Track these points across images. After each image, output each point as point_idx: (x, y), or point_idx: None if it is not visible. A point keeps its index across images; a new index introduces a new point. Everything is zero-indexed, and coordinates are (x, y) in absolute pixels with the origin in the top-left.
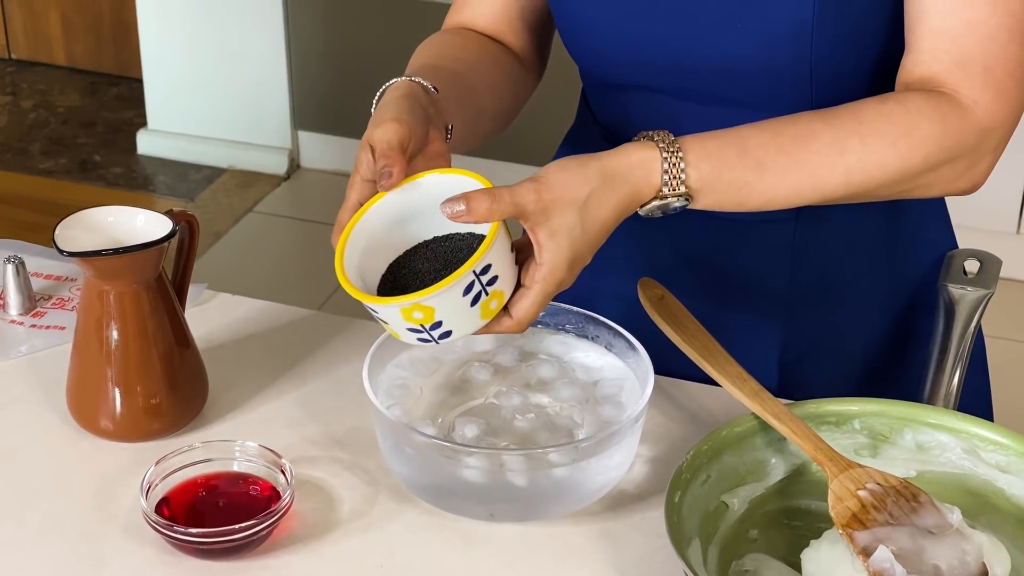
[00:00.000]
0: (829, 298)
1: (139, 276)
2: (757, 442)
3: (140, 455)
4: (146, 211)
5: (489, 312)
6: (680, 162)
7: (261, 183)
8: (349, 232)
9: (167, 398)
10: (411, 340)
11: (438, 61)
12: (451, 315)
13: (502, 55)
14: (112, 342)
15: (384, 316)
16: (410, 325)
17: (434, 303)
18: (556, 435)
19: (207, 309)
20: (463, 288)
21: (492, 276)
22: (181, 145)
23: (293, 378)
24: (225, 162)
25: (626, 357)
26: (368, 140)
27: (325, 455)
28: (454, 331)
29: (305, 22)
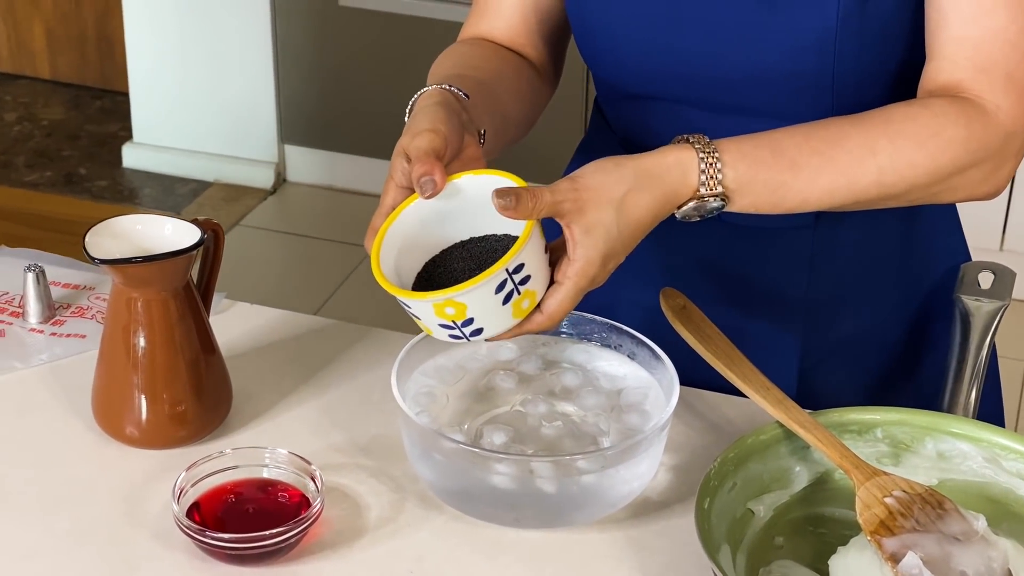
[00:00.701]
0: (846, 305)
1: (168, 284)
2: (781, 450)
3: (166, 462)
4: (174, 219)
5: (521, 311)
6: (716, 162)
7: (247, 197)
8: (385, 231)
9: (193, 405)
10: (442, 336)
11: (462, 70)
12: (483, 312)
13: (521, 64)
14: (139, 349)
15: (417, 311)
16: (442, 321)
17: (466, 299)
18: (581, 443)
19: (226, 318)
20: (495, 286)
21: (525, 275)
22: (167, 158)
23: (314, 386)
24: (211, 175)
25: (649, 366)
26: (404, 148)
27: (350, 462)
28: (485, 329)
29: (292, 36)
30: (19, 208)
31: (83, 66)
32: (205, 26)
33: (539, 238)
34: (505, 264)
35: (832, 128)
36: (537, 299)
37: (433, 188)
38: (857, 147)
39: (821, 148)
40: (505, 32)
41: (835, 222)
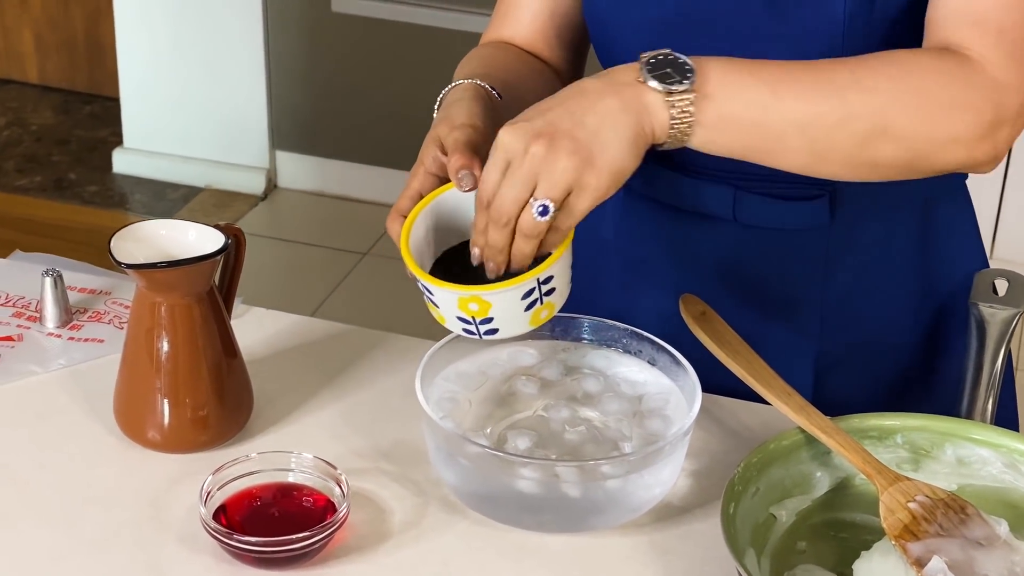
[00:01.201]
0: (862, 308)
1: (192, 288)
2: (803, 455)
3: (188, 466)
4: (198, 225)
5: (538, 320)
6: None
7: (238, 203)
8: (417, 215)
9: (215, 410)
10: (455, 328)
11: (489, 70)
12: (504, 315)
13: (543, 69)
14: (162, 353)
15: (439, 300)
16: (461, 314)
17: (493, 299)
18: (604, 447)
19: (243, 323)
20: (524, 292)
21: (551, 287)
22: (158, 164)
23: (334, 391)
24: (202, 181)
25: (670, 371)
26: (439, 138)
27: (372, 467)
28: (500, 330)
29: (284, 41)
30: (8, 213)
31: (72, 71)
32: (197, 31)
33: (570, 253)
34: (539, 273)
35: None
36: (555, 311)
37: (472, 182)
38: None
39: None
40: (526, 37)
41: (851, 222)
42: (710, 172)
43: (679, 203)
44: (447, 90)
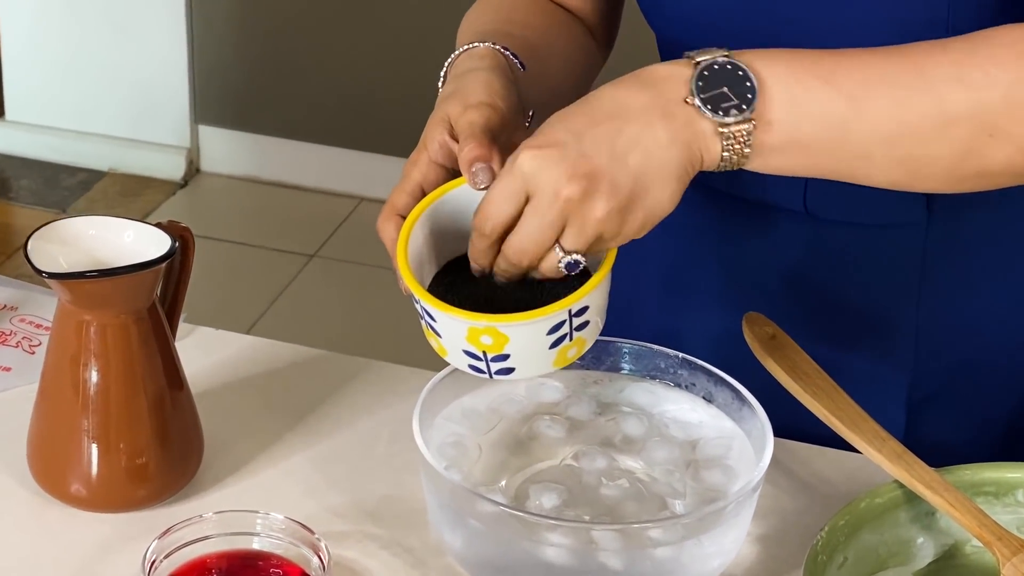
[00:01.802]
0: (965, 321)
1: (130, 304)
2: (901, 516)
3: (123, 528)
4: (137, 223)
5: (564, 359)
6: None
7: (152, 190)
8: (416, 218)
9: (156, 457)
10: (459, 363)
11: (507, 26)
12: (523, 351)
13: (570, 23)
14: (91, 386)
15: (442, 328)
16: (470, 348)
17: (512, 333)
18: (650, 507)
19: (186, 347)
20: (552, 325)
21: (584, 321)
22: (49, 142)
23: (304, 433)
24: (106, 164)
25: (731, 410)
26: (447, 117)
27: (355, 530)
28: (517, 370)
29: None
30: None
31: None
32: None
33: (609, 280)
34: (572, 303)
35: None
36: (584, 349)
37: (489, 179)
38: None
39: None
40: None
41: (953, 213)
42: None
43: (740, 191)
44: (455, 56)
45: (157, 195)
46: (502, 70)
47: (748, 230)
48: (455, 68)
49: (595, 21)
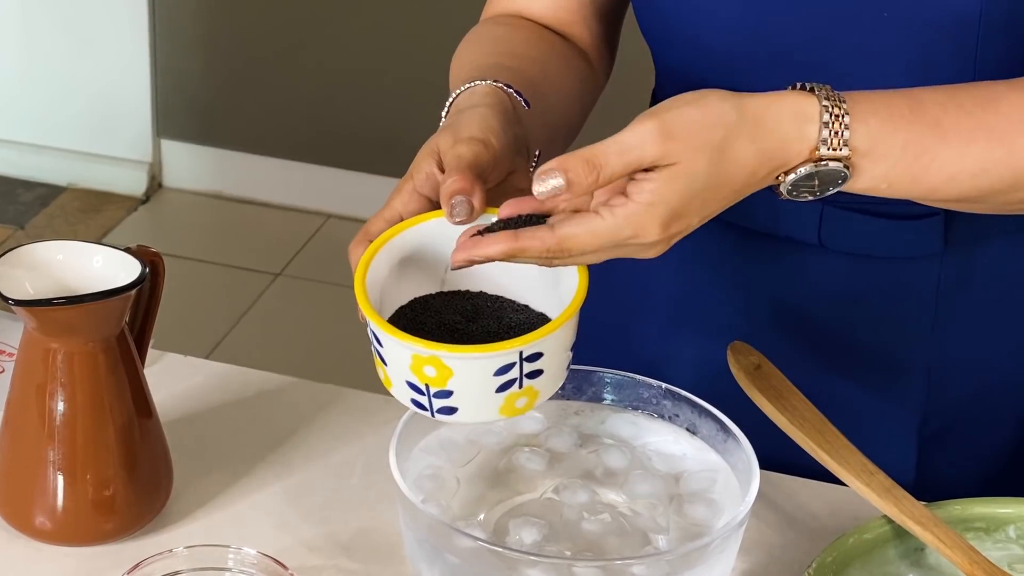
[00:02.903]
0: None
1: (98, 332)
2: (890, 553)
3: (89, 563)
4: (105, 248)
5: (512, 409)
6: (844, 115)
7: (112, 206)
8: (386, 240)
9: (124, 488)
10: (402, 398)
11: (506, 60)
12: (467, 390)
13: (570, 53)
14: (56, 415)
15: (389, 353)
16: (413, 379)
17: (456, 366)
18: (632, 542)
19: (154, 373)
20: (499, 366)
21: (537, 368)
22: (5, 155)
23: (276, 464)
24: (65, 179)
25: (715, 442)
26: (437, 149)
27: (329, 564)
28: (460, 411)
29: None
30: None
31: None
32: None
33: (573, 330)
34: (523, 344)
35: (981, 88)
36: (536, 403)
37: (467, 213)
38: (1016, 110)
39: (970, 108)
40: (547, 10)
41: (968, 245)
42: None
43: (749, 222)
44: (457, 93)
45: (118, 211)
46: (502, 108)
47: (756, 262)
48: (456, 105)
49: (593, 45)
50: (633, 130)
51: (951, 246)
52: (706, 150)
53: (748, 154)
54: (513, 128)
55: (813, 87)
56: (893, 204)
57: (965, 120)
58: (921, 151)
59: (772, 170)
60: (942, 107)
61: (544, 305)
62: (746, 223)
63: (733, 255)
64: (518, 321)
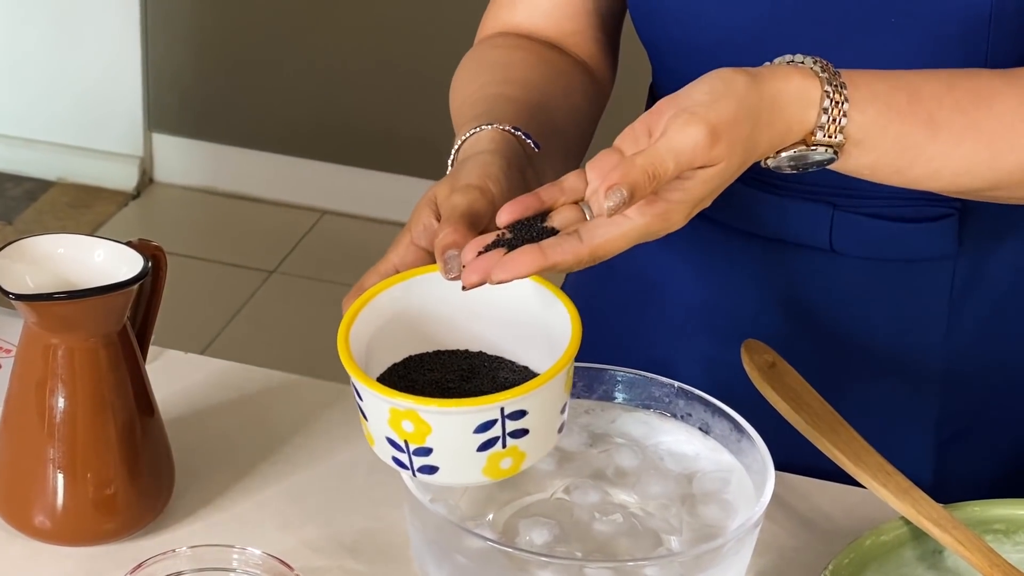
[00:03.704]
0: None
1: (100, 327)
2: (907, 555)
3: (90, 563)
4: (107, 241)
5: (496, 470)
6: (844, 101)
7: (102, 201)
8: (375, 295)
9: (125, 487)
10: (383, 455)
11: (509, 90)
12: (446, 448)
13: (572, 69)
14: (57, 412)
15: (368, 407)
16: (392, 435)
17: (434, 422)
18: (644, 543)
19: (154, 371)
20: (479, 423)
21: (522, 428)
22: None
23: (279, 463)
24: (54, 173)
25: (729, 442)
26: (435, 199)
27: (333, 565)
28: (440, 471)
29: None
30: None
31: None
32: None
33: (562, 388)
34: (503, 400)
35: (981, 81)
36: (523, 466)
37: (460, 269)
38: (1010, 112)
39: (966, 105)
40: (549, 22)
41: (982, 245)
42: (799, 185)
43: (757, 228)
44: (464, 138)
45: (108, 206)
46: (507, 153)
47: (766, 266)
48: (462, 152)
49: (596, 54)
50: (685, 133)
51: (965, 247)
52: (740, 146)
53: (764, 140)
54: (521, 172)
55: (815, 64)
56: (906, 208)
57: (958, 118)
58: (910, 145)
59: (769, 150)
60: (938, 101)
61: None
62: (753, 228)
63: (742, 259)
64: (513, 381)
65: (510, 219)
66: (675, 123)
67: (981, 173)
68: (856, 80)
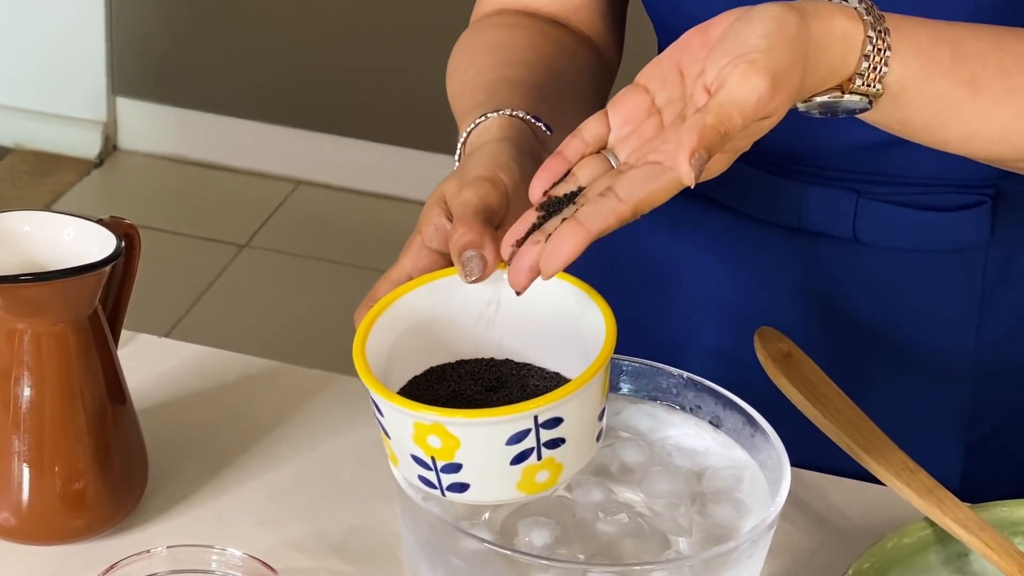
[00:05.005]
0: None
1: (69, 312)
2: (932, 559)
3: (58, 563)
4: (77, 219)
5: (532, 485)
6: (886, 49)
7: (63, 169)
8: (390, 303)
9: (96, 482)
10: (408, 473)
11: (511, 72)
12: (477, 463)
13: (576, 47)
14: (22, 401)
15: (390, 424)
16: (417, 452)
17: (463, 435)
18: (651, 545)
19: (125, 356)
20: (511, 433)
21: (557, 437)
22: None
23: (259, 456)
24: (11, 139)
25: (741, 437)
26: (443, 197)
27: (319, 566)
28: (472, 488)
29: None
30: None
31: None
32: None
33: (599, 392)
34: (537, 408)
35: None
36: (561, 479)
37: (481, 270)
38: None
39: (1010, 67)
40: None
41: (1019, 240)
42: (821, 171)
43: (775, 217)
44: (469, 129)
45: (69, 175)
46: (517, 139)
47: (785, 257)
48: (469, 144)
49: (602, 31)
50: (748, 84)
51: (998, 236)
52: (792, 94)
53: (807, 84)
54: (534, 158)
55: (860, 3)
56: (936, 196)
57: (1001, 81)
58: (947, 105)
59: (805, 93)
60: (983, 61)
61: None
62: (772, 217)
63: (760, 249)
64: (545, 388)
65: (543, 191)
66: (735, 73)
67: (1017, 142)
68: (901, 27)
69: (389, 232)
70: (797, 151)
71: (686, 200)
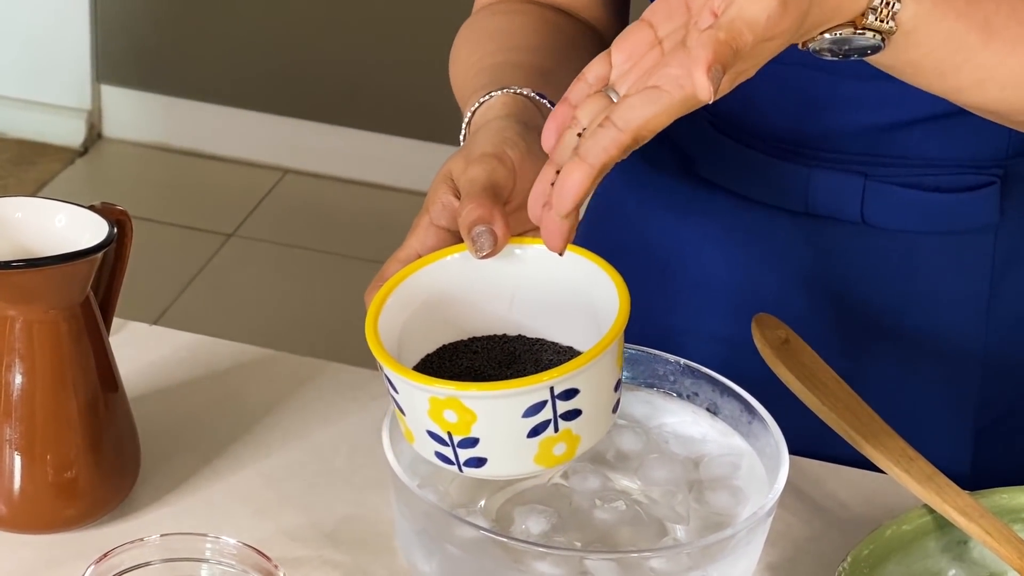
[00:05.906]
0: None
1: (61, 299)
2: (931, 546)
3: (49, 552)
4: (69, 206)
5: (550, 458)
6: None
7: (47, 158)
8: (400, 281)
9: (88, 470)
10: (425, 451)
11: (514, 56)
12: (494, 436)
13: (577, 33)
14: (13, 389)
15: (405, 400)
16: (433, 427)
17: (479, 408)
18: (648, 532)
19: (117, 344)
20: (528, 405)
21: (574, 408)
22: None
23: (252, 444)
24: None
25: (739, 424)
26: (450, 175)
27: (313, 555)
28: (489, 462)
29: None
30: None
31: None
32: None
33: (614, 362)
34: (552, 379)
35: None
36: (578, 451)
37: (492, 245)
38: None
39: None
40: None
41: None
42: (828, 153)
43: (781, 200)
44: (474, 109)
45: (53, 163)
46: (522, 116)
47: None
48: (473, 124)
49: (605, 17)
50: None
51: (1007, 217)
52: (798, 21)
53: (815, 14)
54: (539, 133)
55: None
56: (944, 177)
57: (1015, 27)
58: (961, 47)
59: (814, 27)
60: (996, 5)
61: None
62: (777, 201)
63: (765, 233)
64: (559, 362)
65: (555, 138)
66: None
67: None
68: None
69: (377, 221)
70: (803, 134)
71: (692, 185)
